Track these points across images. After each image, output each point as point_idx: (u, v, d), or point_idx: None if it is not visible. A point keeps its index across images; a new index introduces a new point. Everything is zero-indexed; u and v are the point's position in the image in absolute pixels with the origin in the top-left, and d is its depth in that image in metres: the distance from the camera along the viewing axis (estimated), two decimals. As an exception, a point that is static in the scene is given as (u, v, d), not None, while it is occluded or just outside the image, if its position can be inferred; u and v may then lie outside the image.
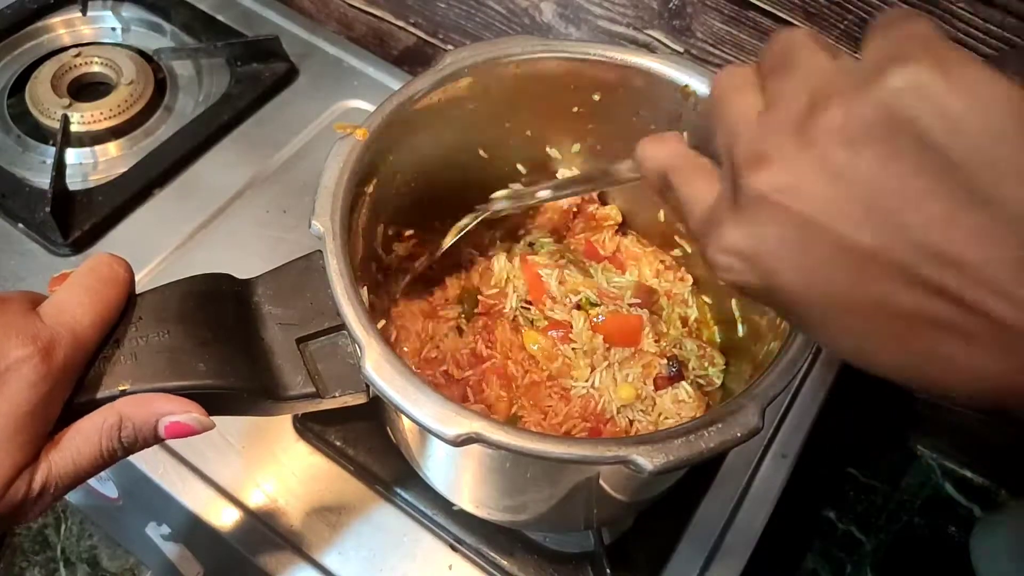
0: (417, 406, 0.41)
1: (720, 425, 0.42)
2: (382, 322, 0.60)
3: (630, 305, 0.63)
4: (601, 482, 0.49)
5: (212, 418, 0.43)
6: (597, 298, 0.62)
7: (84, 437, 0.40)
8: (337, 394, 0.47)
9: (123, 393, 0.41)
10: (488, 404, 0.58)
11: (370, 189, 0.54)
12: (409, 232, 0.63)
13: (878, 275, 0.28)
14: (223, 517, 0.65)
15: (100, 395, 0.41)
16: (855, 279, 0.29)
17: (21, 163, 0.82)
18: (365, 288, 0.50)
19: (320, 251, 0.47)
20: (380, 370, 0.42)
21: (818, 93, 0.29)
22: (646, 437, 0.42)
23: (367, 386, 0.46)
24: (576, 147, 0.65)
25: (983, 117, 0.26)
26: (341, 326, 0.46)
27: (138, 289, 0.45)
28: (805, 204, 0.29)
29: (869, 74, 0.27)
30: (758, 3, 0.68)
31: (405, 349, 0.61)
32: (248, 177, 0.84)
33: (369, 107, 0.89)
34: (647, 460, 0.40)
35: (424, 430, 0.41)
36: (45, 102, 0.85)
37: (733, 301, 0.61)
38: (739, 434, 0.42)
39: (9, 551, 0.88)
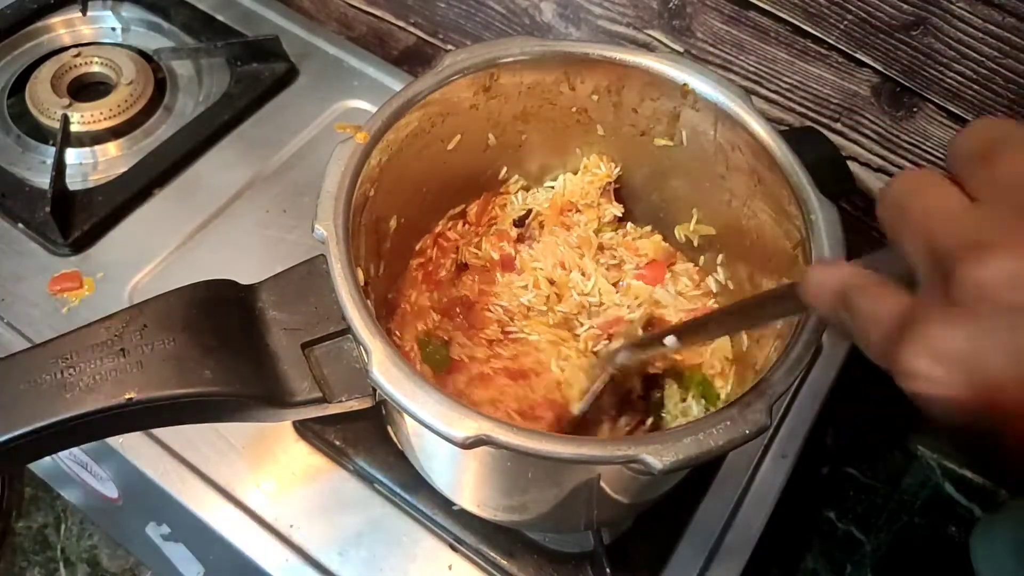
0: (425, 409, 0.42)
1: (728, 423, 0.42)
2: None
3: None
4: (602, 483, 0.49)
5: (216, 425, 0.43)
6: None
7: None
8: (344, 399, 0.47)
9: (130, 401, 0.41)
10: None
11: (372, 192, 0.54)
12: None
13: None
14: (223, 517, 0.65)
15: (108, 404, 0.41)
16: None
17: (21, 163, 0.82)
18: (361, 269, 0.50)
19: (323, 255, 0.47)
20: (387, 373, 0.42)
21: None
22: (655, 436, 0.42)
23: (373, 390, 0.46)
24: (576, 148, 0.65)
25: None
26: (346, 330, 0.46)
27: (141, 292, 0.45)
28: None
29: None
30: (758, 3, 0.68)
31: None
32: (248, 177, 0.83)
33: (369, 107, 0.89)
34: (656, 459, 0.41)
35: (432, 432, 0.42)
36: (45, 102, 0.84)
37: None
38: (747, 431, 0.42)
39: (9, 551, 0.87)
